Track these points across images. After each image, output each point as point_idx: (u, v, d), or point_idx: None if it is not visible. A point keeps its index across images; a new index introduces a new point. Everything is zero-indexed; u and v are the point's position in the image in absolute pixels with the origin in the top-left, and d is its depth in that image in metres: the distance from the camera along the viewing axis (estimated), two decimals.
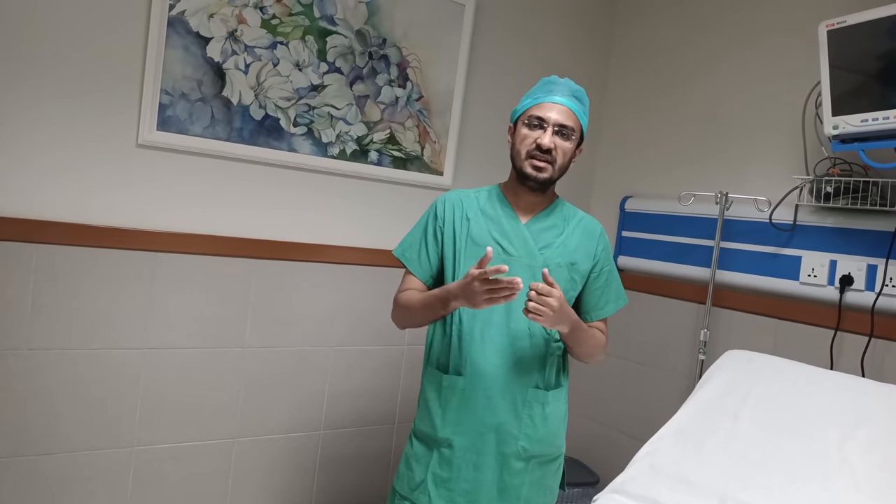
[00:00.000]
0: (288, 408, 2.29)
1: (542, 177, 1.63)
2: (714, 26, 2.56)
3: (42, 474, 1.91)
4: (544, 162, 1.62)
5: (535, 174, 1.63)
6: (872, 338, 1.98)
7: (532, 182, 1.65)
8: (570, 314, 1.57)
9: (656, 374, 2.61)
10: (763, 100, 2.37)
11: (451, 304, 1.57)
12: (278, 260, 2.23)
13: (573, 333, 1.62)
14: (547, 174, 1.63)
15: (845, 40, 1.84)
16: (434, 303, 1.61)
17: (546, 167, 1.62)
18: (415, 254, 1.73)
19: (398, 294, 1.73)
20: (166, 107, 1.98)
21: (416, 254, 1.73)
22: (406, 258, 1.74)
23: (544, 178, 1.63)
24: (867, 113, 1.80)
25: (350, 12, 2.26)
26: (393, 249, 1.78)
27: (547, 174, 1.63)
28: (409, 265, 1.73)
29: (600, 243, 1.75)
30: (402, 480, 1.71)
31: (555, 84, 1.68)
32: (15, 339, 1.84)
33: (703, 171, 2.55)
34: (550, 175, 1.64)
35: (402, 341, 2.49)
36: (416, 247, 1.74)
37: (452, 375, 1.66)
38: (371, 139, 2.36)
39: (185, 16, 1.98)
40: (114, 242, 1.95)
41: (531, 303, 1.48)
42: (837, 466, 1.49)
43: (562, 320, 1.54)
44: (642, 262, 2.70)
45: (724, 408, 1.76)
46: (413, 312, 1.68)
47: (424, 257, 1.72)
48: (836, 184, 2.03)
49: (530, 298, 1.48)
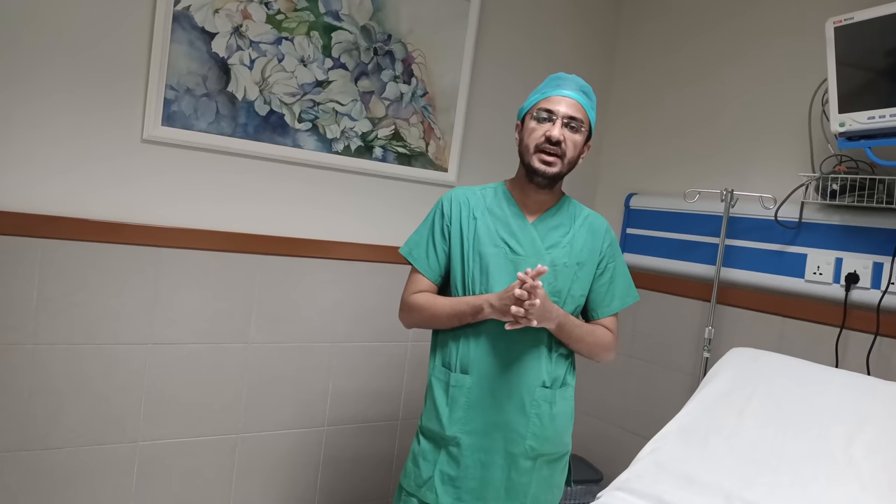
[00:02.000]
0: (292, 404, 2.29)
1: (551, 171, 1.62)
2: (720, 23, 2.55)
3: (47, 469, 1.91)
4: (553, 156, 1.61)
5: (545, 169, 1.61)
6: (878, 336, 1.97)
7: (541, 178, 1.63)
8: (554, 311, 1.57)
9: (661, 371, 2.61)
10: (769, 97, 2.36)
11: (484, 314, 1.57)
12: (282, 256, 2.23)
13: (562, 330, 1.61)
14: (556, 168, 1.62)
15: (852, 37, 1.83)
16: (465, 311, 1.60)
17: (555, 161, 1.61)
18: (422, 253, 1.71)
19: (409, 296, 1.70)
20: (171, 102, 1.98)
21: (423, 253, 1.71)
22: (413, 257, 1.72)
23: (553, 172, 1.62)
24: (874, 110, 1.79)
25: (355, 8, 2.26)
26: (399, 248, 1.77)
27: (556, 168, 1.62)
28: (416, 264, 1.71)
29: (606, 240, 1.74)
30: (408, 477, 1.71)
31: (563, 79, 1.67)
32: (20, 334, 1.84)
33: (708, 169, 2.54)
34: (560, 170, 1.63)
35: (407, 338, 2.49)
36: (424, 246, 1.72)
37: (460, 374, 1.65)
38: (376, 135, 2.36)
39: (190, 11, 1.98)
40: (118, 238, 1.95)
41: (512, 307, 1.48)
42: (843, 465, 1.48)
43: (546, 317, 1.53)
44: (647, 260, 2.70)
45: (729, 405, 1.75)
46: (437, 318, 1.66)
47: (433, 256, 1.70)
48: (843, 181, 2.02)
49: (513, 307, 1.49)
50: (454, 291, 1.69)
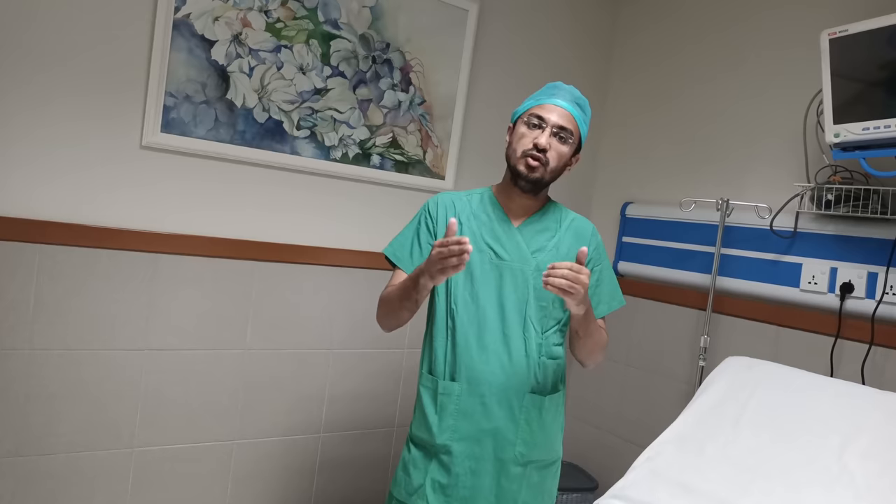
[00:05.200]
0: (287, 410, 2.29)
1: (534, 176, 1.62)
2: (715, 33, 2.57)
3: (42, 475, 1.91)
4: (537, 162, 1.61)
5: (527, 173, 1.62)
6: (873, 345, 1.98)
7: (524, 181, 1.64)
8: (587, 298, 1.54)
9: (656, 379, 2.61)
10: (764, 107, 2.38)
11: (420, 283, 1.51)
12: (279, 262, 2.23)
13: (587, 320, 1.59)
14: (538, 174, 1.62)
15: (847, 49, 1.85)
16: (407, 283, 1.57)
17: (538, 167, 1.61)
18: (406, 252, 1.70)
19: (383, 292, 1.69)
20: (170, 109, 1.99)
21: (407, 252, 1.70)
22: (397, 257, 1.71)
23: (535, 177, 1.62)
24: (868, 121, 1.81)
25: (354, 17, 2.27)
26: (383, 249, 1.74)
27: (538, 174, 1.62)
28: (399, 264, 1.70)
29: (591, 243, 1.73)
30: (399, 486, 1.70)
31: (559, 88, 1.68)
32: (16, 339, 1.84)
33: (704, 178, 2.56)
34: (542, 175, 1.63)
35: (402, 345, 2.49)
36: (408, 246, 1.71)
37: (448, 381, 1.65)
38: (373, 143, 2.37)
39: (190, 18, 1.99)
40: (116, 243, 1.95)
41: (564, 280, 1.41)
42: (837, 473, 1.49)
43: (585, 301, 1.51)
44: (643, 268, 2.71)
45: (725, 414, 1.76)
46: (391, 302, 1.63)
47: (417, 255, 1.69)
48: (837, 191, 2.03)
49: (565, 277, 1.41)
50: (437, 297, 1.69)
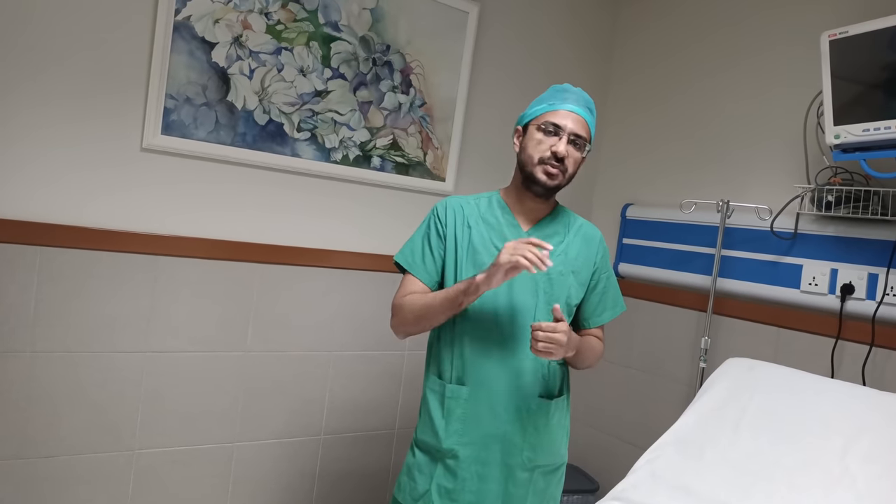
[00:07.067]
0: (288, 413, 2.29)
1: (553, 184, 1.62)
2: (715, 35, 2.57)
3: (43, 477, 1.91)
4: (557, 170, 1.61)
5: (547, 181, 1.61)
6: (873, 347, 1.98)
7: (540, 188, 1.63)
8: (573, 339, 1.55)
9: (657, 381, 2.61)
10: (765, 108, 2.38)
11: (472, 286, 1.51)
12: (280, 264, 2.23)
13: (577, 355, 1.62)
14: (557, 181, 1.62)
15: (847, 50, 1.85)
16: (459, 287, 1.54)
17: (558, 175, 1.61)
18: (419, 259, 1.69)
19: (401, 299, 1.66)
20: (171, 111, 1.99)
21: (420, 259, 1.69)
22: (409, 263, 1.69)
23: (554, 185, 1.62)
24: (869, 122, 1.81)
25: (354, 19, 2.27)
26: (394, 256, 1.73)
27: (557, 181, 1.62)
28: (413, 270, 1.68)
29: (599, 250, 1.75)
30: (403, 491, 1.68)
31: (569, 92, 1.66)
32: (17, 342, 1.84)
33: (704, 179, 2.56)
34: (559, 183, 1.63)
35: (404, 347, 2.49)
36: (420, 252, 1.70)
37: (456, 385, 1.64)
38: (374, 145, 2.37)
39: (190, 21, 1.99)
40: (116, 246, 1.95)
41: (541, 343, 1.47)
42: (838, 475, 1.48)
43: (569, 348, 1.53)
44: (643, 270, 2.71)
45: (725, 416, 1.75)
46: (430, 307, 1.59)
47: (429, 260, 1.68)
48: (838, 193, 2.03)
49: (538, 339, 1.47)
50: None
